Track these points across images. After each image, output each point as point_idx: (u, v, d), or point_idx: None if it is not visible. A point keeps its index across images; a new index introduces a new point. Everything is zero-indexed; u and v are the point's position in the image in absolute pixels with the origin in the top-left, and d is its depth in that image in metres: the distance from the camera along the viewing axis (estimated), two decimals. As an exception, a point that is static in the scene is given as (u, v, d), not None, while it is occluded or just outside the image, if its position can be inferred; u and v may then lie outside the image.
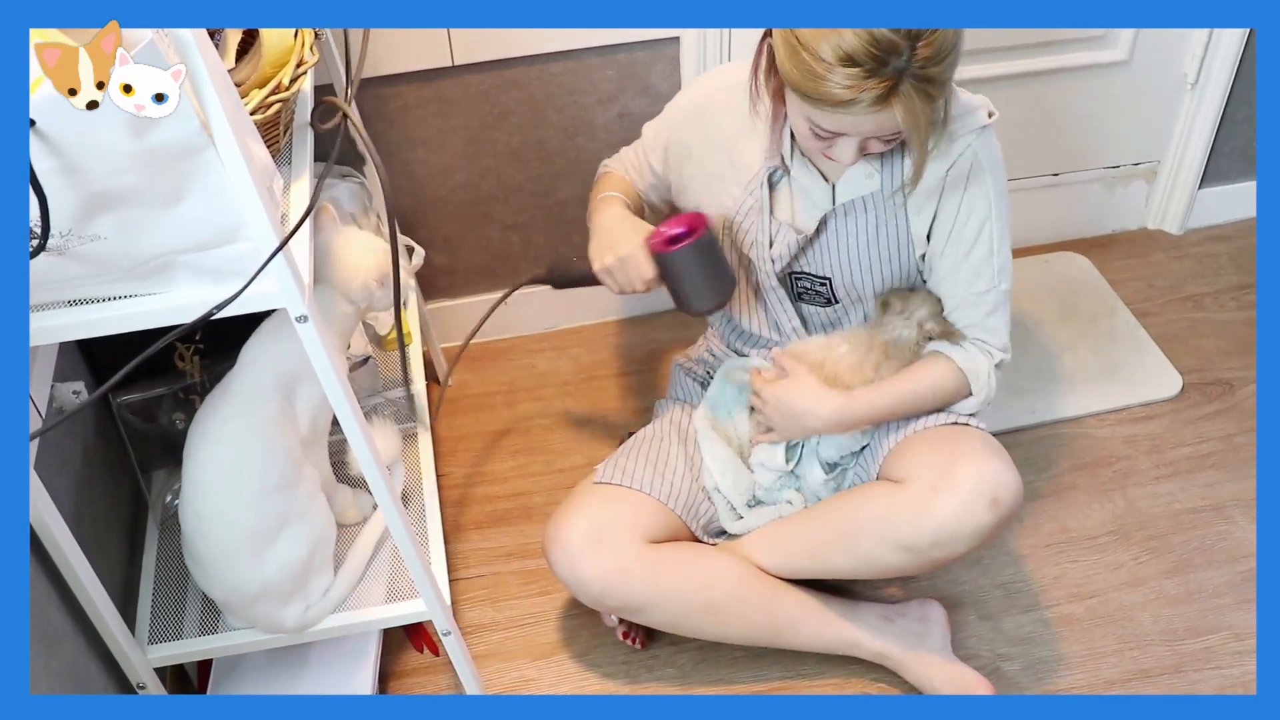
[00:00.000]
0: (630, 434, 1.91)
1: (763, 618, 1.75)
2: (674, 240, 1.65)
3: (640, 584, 1.69)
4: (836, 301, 1.74)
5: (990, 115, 1.60)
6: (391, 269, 1.52)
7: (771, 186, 1.68)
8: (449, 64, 2.03)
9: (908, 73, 1.37)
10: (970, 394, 1.70)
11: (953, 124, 1.55)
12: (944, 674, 1.75)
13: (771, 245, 1.69)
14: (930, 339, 1.69)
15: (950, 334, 1.67)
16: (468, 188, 2.22)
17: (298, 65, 1.30)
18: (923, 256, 1.68)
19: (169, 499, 1.74)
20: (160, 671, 1.61)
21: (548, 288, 1.87)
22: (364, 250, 1.51)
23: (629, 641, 1.89)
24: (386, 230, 1.98)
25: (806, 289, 1.74)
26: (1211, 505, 2.07)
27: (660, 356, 2.38)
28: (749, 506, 1.81)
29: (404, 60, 2.02)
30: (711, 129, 1.70)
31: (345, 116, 1.39)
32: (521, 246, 2.31)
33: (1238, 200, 2.66)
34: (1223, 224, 2.67)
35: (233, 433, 1.46)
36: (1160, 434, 2.21)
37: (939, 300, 1.69)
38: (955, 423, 1.70)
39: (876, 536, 1.65)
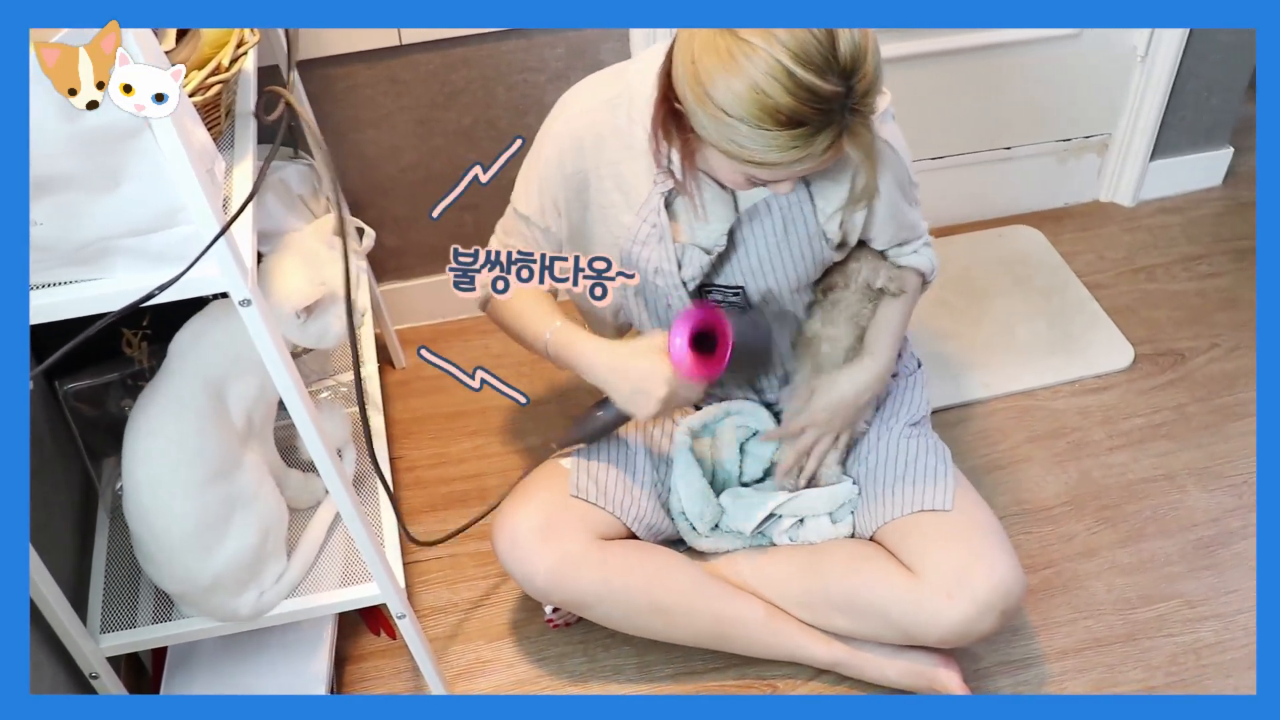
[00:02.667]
0: (600, 402, 1.76)
1: (712, 623, 1.74)
2: (700, 345, 1.57)
3: (589, 581, 1.68)
4: (751, 307, 1.69)
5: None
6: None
7: (667, 207, 1.58)
8: (397, 43, 2.01)
9: (849, 110, 1.30)
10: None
11: None
12: (896, 669, 1.74)
13: (681, 268, 1.60)
14: (877, 291, 1.69)
15: (887, 286, 1.69)
16: (418, 168, 2.20)
17: (238, 46, 1.28)
18: (839, 246, 1.64)
19: (118, 486, 1.71)
20: (114, 661, 1.60)
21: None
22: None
23: (551, 625, 1.90)
24: (336, 212, 1.97)
25: (719, 301, 1.68)
26: (1164, 475, 2.09)
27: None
28: (711, 529, 1.80)
29: (352, 40, 1.99)
30: (597, 156, 1.57)
31: (290, 106, 1.37)
32: (474, 227, 2.29)
33: (1189, 172, 2.68)
34: (1174, 195, 2.70)
35: (165, 427, 1.45)
36: (1113, 405, 2.23)
37: (870, 252, 1.69)
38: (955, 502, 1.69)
39: (883, 620, 1.67)
